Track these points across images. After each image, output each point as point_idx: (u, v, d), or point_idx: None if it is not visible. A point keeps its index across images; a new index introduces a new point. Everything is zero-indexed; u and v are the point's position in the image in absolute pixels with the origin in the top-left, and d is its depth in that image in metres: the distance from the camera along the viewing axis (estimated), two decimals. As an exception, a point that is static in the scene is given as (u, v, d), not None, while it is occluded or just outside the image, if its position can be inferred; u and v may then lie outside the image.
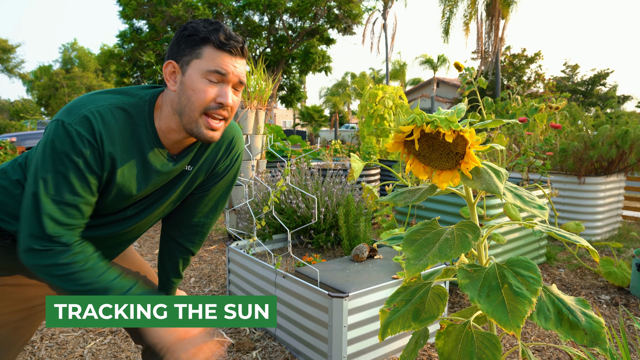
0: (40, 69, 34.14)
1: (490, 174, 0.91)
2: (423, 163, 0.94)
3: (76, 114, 0.90)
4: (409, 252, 0.93)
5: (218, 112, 0.97)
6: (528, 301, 0.83)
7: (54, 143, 0.89)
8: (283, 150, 5.53)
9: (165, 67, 0.98)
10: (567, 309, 0.91)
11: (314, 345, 1.80)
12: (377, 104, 5.89)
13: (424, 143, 0.91)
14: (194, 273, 3.04)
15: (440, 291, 1.04)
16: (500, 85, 16.15)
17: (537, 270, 0.88)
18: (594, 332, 0.87)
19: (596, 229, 3.77)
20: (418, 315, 1.00)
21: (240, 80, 0.99)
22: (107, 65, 20.84)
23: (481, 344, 0.95)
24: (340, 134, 23.07)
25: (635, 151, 3.73)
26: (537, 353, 1.97)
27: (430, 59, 28.38)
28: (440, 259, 0.88)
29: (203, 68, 0.94)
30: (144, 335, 1.27)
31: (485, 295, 0.86)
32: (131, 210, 1.07)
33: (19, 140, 8.91)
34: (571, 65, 20.36)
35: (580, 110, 5.03)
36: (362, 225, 2.53)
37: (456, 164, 0.90)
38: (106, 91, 0.99)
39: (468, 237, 0.91)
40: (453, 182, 0.92)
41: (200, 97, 0.94)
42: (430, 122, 0.85)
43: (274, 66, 16.60)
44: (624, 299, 2.57)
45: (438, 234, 0.96)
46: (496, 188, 0.87)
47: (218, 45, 0.94)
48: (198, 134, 0.98)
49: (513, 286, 0.86)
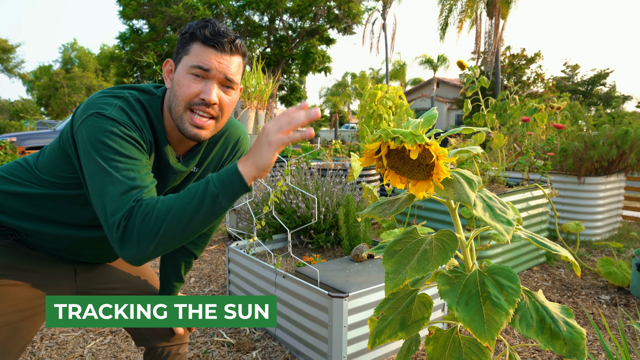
0: (40, 69, 34.15)
1: (462, 183, 0.90)
2: (398, 174, 0.95)
3: (109, 105, 0.91)
4: (388, 266, 0.92)
5: (202, 109, 0.96)
6: (505, 312, 0.82)
7: (100, 132, 0.87)
8: (283, 150, 5.53)
9: (164, 65, 1.00)
10: (550, 317, 0.91)
11: (314, 345, 1.80)
12: (377, 104, 5.89)
13: (394, 156, 0.91)
14: (194, 273, 3.04)
15: (425, 299, 1.04)
16: (500, 86, 16.15)
17: (517, 281, 0.88)
18: (574, 342, 0.87)
19: (596, 229, 3.77)
20: (405, 323, 1.00)
21: (226, 77, 0.96)
22: (108, 67, 20.85)
23: (468, 350, 0.95)
24: (340, 134, 23.07)
25: (635, 151, 3.73)
26: (537, 353, 1.97)
27: (430, 59, 28.38)
28: (418, 272, 0.88)
29: (188, 63, 0.94)
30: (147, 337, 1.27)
31: (464, 304, 0.86)
32: None
33: (19, 140, 8.91)
34: (571, 65, 20.38)
35: (582, 109, 5.04)
36: (362, 225, 2.53)
37: (428, 175, 0.90)
38: (124, 87, 1.00)
39: (446, 248, 0.91)
40: (429, 192, 0.92)
41: (183, 91, 0.94)
42: (395, 138, 0.84)
43: (274, 66, 16.61)
44: (624, 299, 2.57)
45: (417, 244, 0.95)
46: (467, 198, 0.86)
47: (202, 40, 0.94)
48: (183, 130, 0.97)
49: (492, 295, 0.86)
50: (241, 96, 3.73)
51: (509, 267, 0.92)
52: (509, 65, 19.00)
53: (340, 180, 3.07)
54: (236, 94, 1.02)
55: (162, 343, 1.27)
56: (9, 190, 1.02)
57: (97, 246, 1.11)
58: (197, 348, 2.01)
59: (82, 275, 1.17)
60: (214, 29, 0.94)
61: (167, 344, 1.27)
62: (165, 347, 1.27)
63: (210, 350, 1.98)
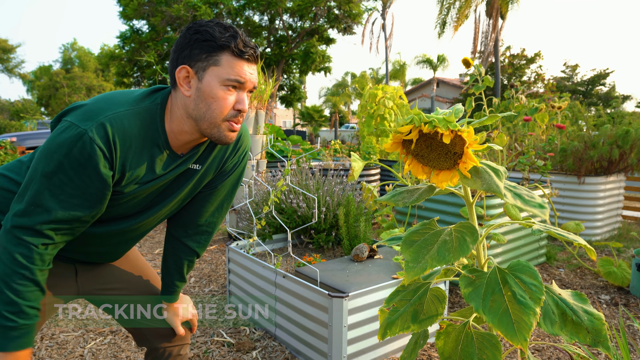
0: (40, 69, 34.13)
1: (490, 173, 0.89)
2: (421, 163, 0.94)
3: (93, 121, 0.90)
4: (407, 254, 0.92)
5: (237, 120, 1.00)
6: (532, 312, 0.81)
7: (70, 149, 0.89)
8: (283, 151, 5.53)
9: (178, 71, 0.97)
10: (570, 309, 0.90)
11: (314, 345, 1.80)
12: (377, 104, 5.89)
13: (422, 143, 0.90)
14: (194, 273, 3.04)
15: (439, 293, 1.03)
16: (499, 85, 16.14)
17: (539, 277, 0.87)
18: (595, 329, 0.87)
19: (596, 229, 3.77)
20: (417, 316, 0.99)
21: (255, 86, 1.01)
22: (108, 67, 20.85)
23: (481, 345, 0.94)
24: (340, 134, 23.06)
25: (635, 151, 3.73)
26: (537, 353, 1.97)
27: (430, 59, 28.37)
28: (439, 262, 0.87)
29: (222, 76, 0.95)
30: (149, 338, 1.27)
31: (489, 305, 0.85)
32: (137, 208, 1.07)
33: (19, 140, 8.91)
34: (571, 65, 20.36)
35: (582, 109, 5.03)
36: (362, 225, 2.53)
37: (454, 164, 0.89)
38: (121, 94, 0.99)
39: (466, 240, 0.90)
40: (452, 182, 0.90)
41: (221, 105, 0.97)
42: (428, 122, 0.84)
43: (274, 66, 16.61)
44: (623, 299, 2.57)
45: (436, 234, 0.95)
46: (497, 187, 0.85)
47: (237, 54, 0.95)
48: (219, 138, 1.00)
49: (517, 295, 0.84)
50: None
51: (528, 263, 0.91)
52: (509, 65, 19.00)
53: (341, 180, 3.07)
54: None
55: (163, 344, 1.26)
56: (10, 189, 1.02)
57: (98, 243, 1.10)
58: (197, 348, 2.01)
59: (83, 275, 1.17)
60: (244, 41, 0.96)
61: (169, 344, 1.27)
62: (166, 348, 1.27)
63: (210, 350, 1.98)
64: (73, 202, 0.92)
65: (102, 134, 0.90)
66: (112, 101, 0.95)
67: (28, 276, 0.91)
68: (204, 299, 2.58)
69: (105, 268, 1.22)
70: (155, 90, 1.04)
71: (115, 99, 0.97)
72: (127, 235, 1.13)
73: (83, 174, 0.90)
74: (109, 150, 0.91)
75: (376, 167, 5.04)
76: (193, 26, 0.97)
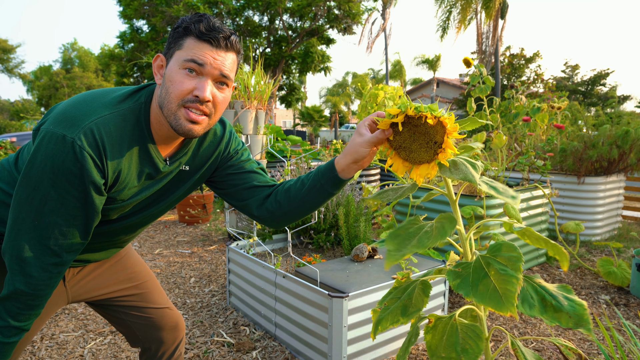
0: (40, 69, 34.14)
1: (467, 165, 0.95)
2: (402, 158, 0.99)
3: (78, 127, 0.86)
4: (390, 245, 0.97)
5: (195, 107, 0.92)
6: (515, 279, 0.87)
7: (54, 159, 0.84)
8: (283, 151, 5.53)
9: (154, 60, 0.96)
10: (550, 295, 0.94)
11: (314, 345, 1.80)
12: (378, 104, 5.89)
13: (405, 133, 0.96)
14: (194, 273, 3.04)
15: (425, 285, 1.08)
16: (500, 86, 16.14)
17: (517, 249, 0.93)
18: (577, 314, 0.90)
19: (596, 229, 3.77)
20: (406, 310, 1.04)
21: (222, 73, 0.93)
22: (108, 66, 20.85)
23: (465, 335, 0.98)
24: (340, 134, 23.06)
25: (635, 151, 3.73)
26: (538, 353, 1.97)
27: (429, 59, 28.37)
28: (418, 248, 0.92)
29: (181, 58, 0.91)
30: (142, 337, 1.26)
31: (478, 288, 0.90)
32: (128, 212, 1.04)
33: (19, 140, 8.91)
34: (571, 65, 20.36)
35: (581, 109, 5.03)
36: (362, 225, 2.53)
37: (434, 155, 0.94)
38: (102, 94, 0.95)
39: (445, 227, 0.95)
40: (430, 175, 0.96)
41: (177, 88, 0.91)
42: (414, 107, 0.91)
43: (273, 66, 16.60)
44: (624, 299, 2.57)
45: (420, 227, 1.01)
46: (472, 177, 0.90)
47: (197, 35, 0.90)
48: (177, 126, 0.93)
49: (499, 270, 0.90)
50: (241, 96, 3.73)
51: (506, 241, 0.97)
52: (508, 65, 18.99)
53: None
54: (229, 92, 0.99)
55: (156, 343, 1.25)
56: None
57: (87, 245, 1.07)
58: (197, 348, 2.01)
59: (71, 280, 1.14)
60: (209, 24, 0.91)
61: (162, 343, 1.26)
62: (160, 347, 1.26)
63: (210, 350, 1.98)
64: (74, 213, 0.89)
65: (91, 141, 0.86)
66: (95, 104, 0.91)
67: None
68: (204, 299, 2.58)
69: (93, 272, 1.19)
70: (140, 89, 0.99)
71: (98, 100, 0.92)
72: (116, 237, 1.11)
73: (80, 185, 0.87)
74: (99, 157, 0.88)
75: (376, 167, 5.04)
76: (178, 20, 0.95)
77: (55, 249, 0.90)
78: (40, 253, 0.89)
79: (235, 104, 3.70)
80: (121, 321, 1.25)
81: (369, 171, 4.90)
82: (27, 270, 0.88)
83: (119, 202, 0.98)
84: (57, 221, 0.88)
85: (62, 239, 0.90)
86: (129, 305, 1.24)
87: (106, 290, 1.21)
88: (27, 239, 0.88)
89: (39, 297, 0.92)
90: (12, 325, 0.91)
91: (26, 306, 0.91)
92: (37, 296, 0.91)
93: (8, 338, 0.91)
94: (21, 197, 0.87)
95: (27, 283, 0.89)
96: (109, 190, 0.94)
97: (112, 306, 1.23)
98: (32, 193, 0.86)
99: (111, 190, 0.94)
